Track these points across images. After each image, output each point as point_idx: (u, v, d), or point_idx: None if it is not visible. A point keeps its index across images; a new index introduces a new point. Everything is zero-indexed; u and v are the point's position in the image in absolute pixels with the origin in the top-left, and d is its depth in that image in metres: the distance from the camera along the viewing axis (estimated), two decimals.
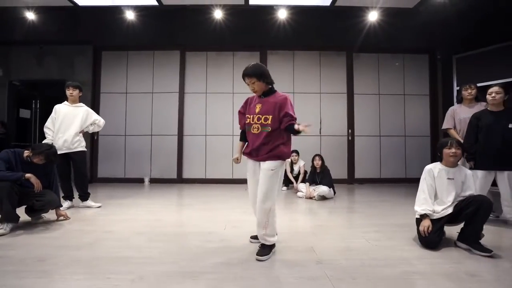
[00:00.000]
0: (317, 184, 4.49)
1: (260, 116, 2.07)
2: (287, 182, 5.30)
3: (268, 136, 2.04)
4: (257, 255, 1.99)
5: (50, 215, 3.02)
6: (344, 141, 6.29)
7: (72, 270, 1.80)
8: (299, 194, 4.58)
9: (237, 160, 2.27)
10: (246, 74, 2.10)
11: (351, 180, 6.22)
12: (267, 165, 2.03)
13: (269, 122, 2.04)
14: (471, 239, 2.10)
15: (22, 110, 6.97)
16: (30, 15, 5.30)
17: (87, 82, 6.27)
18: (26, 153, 2.72)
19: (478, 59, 5.60)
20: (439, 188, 2.30)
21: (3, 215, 2.53)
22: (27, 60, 6.36)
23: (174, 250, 2.16)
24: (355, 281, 1.66)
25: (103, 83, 6.43)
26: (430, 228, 2.16)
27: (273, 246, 2.09)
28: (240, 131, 2.34)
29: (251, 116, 2.12)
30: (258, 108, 2.10)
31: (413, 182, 6.07)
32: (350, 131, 6.28)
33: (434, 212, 2.25)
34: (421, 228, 2.20)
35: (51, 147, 2.83)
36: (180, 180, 6.23)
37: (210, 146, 6.28)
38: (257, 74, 2.08)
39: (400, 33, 5.81)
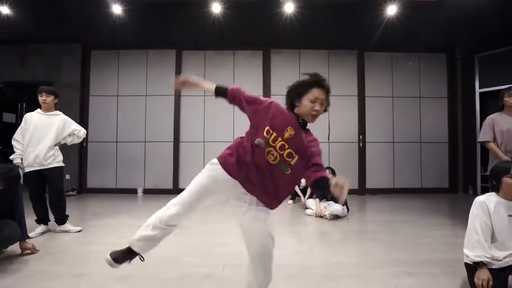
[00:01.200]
0: (328, 200, 4.00)
1: (286, 145, 1.37)
2: (293, 195, 4.82)
3: (284, 180, 1.40)
4: None
5: (15, 247, 2.53)
6: (355, 148, 5.84)
7: None
8: (308, 211, 4.08)
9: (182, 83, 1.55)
10: (327, 87, 1.45)
11: (362, 190, 5.75)
12: (265, 212, 1.44)
13: (293, 163, 1.38)
14: None
15: (6, 114, 6.49)
16: (4, 10, 4.78)
17: (75, 84, 5.86)
18: None
19: (503, 59, 5.09)
20: (498, 228, 1.79)
21: None
22: (10, 60, 5.90)
23: None
24: None
25: (93, 85, 5.99)
26: (490, 283, 1.66)
27: None
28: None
29: (274, 135, 1.38)
30: (288, 133, 1.38)
31: (429, 193, 5.65)
32: (361, 137, 5.83)
33: (493, 259, 1.74)
34: (478, 281, 1.69)
35: (11, 170, 2.33)
36: (176, 190, 5.73)
37: (209, 153, 5.78)
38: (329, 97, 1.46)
39: (419, 29, 5.31)
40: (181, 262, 2.43)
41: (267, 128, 1.38)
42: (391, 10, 4.55)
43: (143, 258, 1.56)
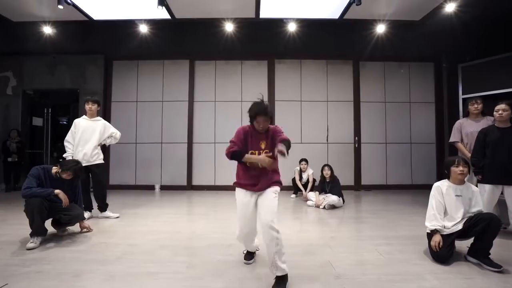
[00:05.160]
0: (326, 193, 4.61)
1: (268, 151, 2.08)
2: (296, 189, 5.43)
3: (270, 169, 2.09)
4: None
5: (74, 227, 3.17)
6: (351, 148, 6.41)
7: (109, 286, 1.93)
8: (309, 203, 4.70)
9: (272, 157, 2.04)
10: (265, 114, 2.00)
11: (358, 186, 6.33)
12: (271, 188, 2.08)
13: (271, 155, 2.06)
14: (481, 255, 2.21)
15: (35, 118, 7.13)
16: (47, 30, 5.45)
17: (98, 91, 6.42)
18: (55, 169, 2.86)
19: (483, 68, 5.68)
20: (448, 205, 2.41)
21: (33, 229, 2.67)
22: (40, 69, 6.52)
23: (199, 265, 2.28)
24: None
25: (114, 92, 6.58)
26: (441, 243, 2.28)
27: (286, 276, 1.92)
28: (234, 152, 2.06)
29: (256, 152, 2.08)
30: (263, 144, 2.09)
31: (419, 189, 6.21)
32: (356, 138, 6.40)
33: (444, 228, 2.36)
34: (432, 243, 2.32)
35: (77, 162, 2.97)
36: (190, 187, 6.36)
37: (219, 153, 6.40)
38: (271, 116, 2.08)
39: (407, 43, 5.92)
40: (207, 237, 3.05)
41: (251, 151, 2.08)
42: (380, 28, 5.17)
43: (258, 248, 2.46)
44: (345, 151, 6.40)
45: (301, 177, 5.33)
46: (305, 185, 5.27)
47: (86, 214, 3.72)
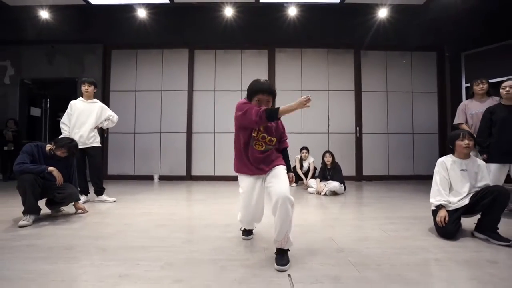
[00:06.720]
0: (327, 180, 4.52)
1: (266, 135, 1.92)
2: (296, 178, 5.34)
3: (271, 152, 1.97)
4: (279, 265, 1.69)
5: (69, 208, 3.10)
6: (352, 138, 6.32)
7: (100, 257, 1.85)
8: (309, 190, 4.62)
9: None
10: (269, 91, 1.83)
11: (359, 177, 6.24)
12: (280, 166, 1.93)
13: (274, 144, 1.97)
14: (489, 229, 2.13)
15: (33, 109, 7.06)
16: (44, 14, 5.37)
17: (97, 80, 6.15)
18: (49, 146, 2.79)
19: (487, 56, 5.60)
20: (453, 180, 2.33)
21: (26, 207, 2.59)
22: (38, 59, 6.44)
23: (196, 240, 2.21)
24: (380, 267, 1.70)
25: (113, 81, 6.49)
26: (447, 218, 2.19)
27: (288, 250, 1.81)
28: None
29: (256, 131, 1.91)
30: (262, 127, 1.91)
31: (421, 179, 6.11)
32: (358, 128, 6.30)
33: (450, 203, 2.28)
34: (437, 218, 2.23)
35: (72, 140, 2.90)
36: (189, 177, 6.28)
37: (219, 143, 6.33)
38: (275, 96, 1.91)
39: (409, 30, 5.82)
40: (204, 218, 2.97)
41: (254, 129, 1.90)
42: (382, 13, 5.07)
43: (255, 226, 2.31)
44: (346, 141, 6.31)
45: (301, 166, 5.25)
46: (305, 174, 5.19)
47: (82, 198, 3.65)
